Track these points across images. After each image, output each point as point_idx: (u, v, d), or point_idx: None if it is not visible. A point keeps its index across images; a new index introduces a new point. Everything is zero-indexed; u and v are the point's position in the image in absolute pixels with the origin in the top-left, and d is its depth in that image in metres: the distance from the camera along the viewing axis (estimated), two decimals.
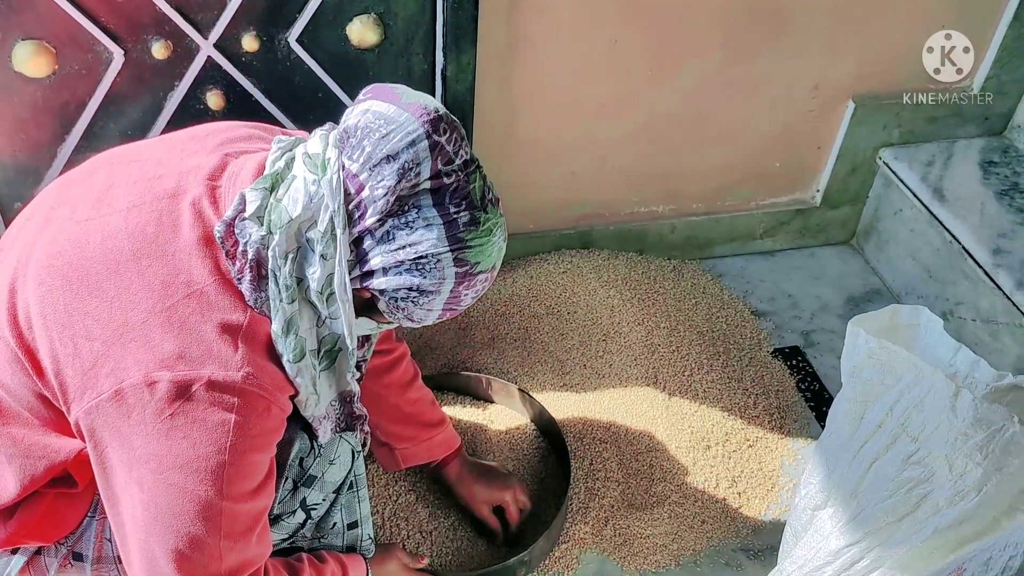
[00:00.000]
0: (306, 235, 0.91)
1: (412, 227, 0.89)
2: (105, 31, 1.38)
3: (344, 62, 1.53)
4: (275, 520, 1.12)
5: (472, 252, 0.91)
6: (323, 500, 1.15)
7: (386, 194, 0.88)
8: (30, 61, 1.36)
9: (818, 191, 2.04)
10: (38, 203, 1.04)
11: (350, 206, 0.90)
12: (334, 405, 1.08)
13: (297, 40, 1.48)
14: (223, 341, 0.90)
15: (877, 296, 2.01)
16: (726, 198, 2.00)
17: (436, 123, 0.89)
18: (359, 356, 1.13)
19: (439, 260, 0.90)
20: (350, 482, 1.17)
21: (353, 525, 1.20)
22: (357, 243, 0.91)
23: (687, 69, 1.75)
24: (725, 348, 1.81)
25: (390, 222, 0.89)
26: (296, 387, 0.97)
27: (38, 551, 1.07)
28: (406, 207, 0.89)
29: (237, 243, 0.92)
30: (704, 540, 1.48)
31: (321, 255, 0.91)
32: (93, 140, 1.48)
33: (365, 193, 0.89)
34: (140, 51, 1.41)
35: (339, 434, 1.13)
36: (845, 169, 1.99)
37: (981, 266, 1.73)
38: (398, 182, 0.87)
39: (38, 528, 1.02)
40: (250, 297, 0.92)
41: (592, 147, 1.82)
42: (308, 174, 0.91)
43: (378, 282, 0.92)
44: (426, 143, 0.88)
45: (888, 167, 1.96)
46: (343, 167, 0.90)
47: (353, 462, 1.16)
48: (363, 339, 1.12)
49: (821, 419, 1.69)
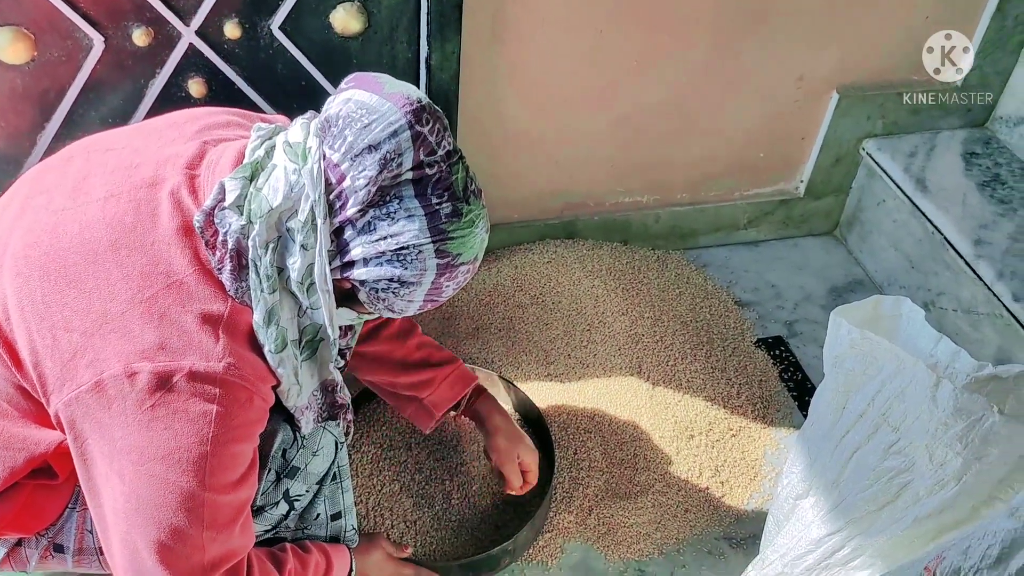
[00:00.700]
0: (286, 224, 0.91)
1: (394, 218, 0.88)
2: (85, 17, 1.36)
3: (327, 50, 1.51)
4: (258, 511, 1.12)
5: (454, 244, 0.91)
6: (306, 491, 1.15)
7: (367, 184, 0.87)
8: (9, 48, 1.35)
9: (802, 182, 2.05)
10: (14, 192, 1.03)
11: (331, 196, 0.89)
12: (316, 395, 1.08)
13: (280, 28, 1.46)
14: (204, 331, 0.90)
15: (860, 286, 2.02)
16: (710, 188, 2.00)
17: (419, 113, 0.88)
18: (343, 344, 1.12)
19: (420, 251, 0.90)
20: (333, 473, 1.17)
21: (337, 516, 1.20)
22: (338, 233, 0.91)
23: (672, 59, 1.75)
24: (709, 338, 1.81)
25: (371, 212, 0.89)
26: (278, 377, 0.97)
27: (18, 543, 1.07)
28: (388, 197, 0.88)
29: (217, 233, 0.91)
30: (687, 529, 1.49)
31: (302, 245, 0.90)
32: (73, 128, 1.46)
33: (346, 183, 0.88)
34: (120, 38, 1.40)
35: (322, 425, 1.12)
36: (829, 160, 2.00)
37: (963, 257, 1.74)
38: (380, 172, 0.87)
39: (18, 520, 1.02)
40: (230, 287, 0.92)
41: (577, 137, 1.82)
42: (289, 163, 0.90)
43: (359, 273, 0.91)
44: (408, 133, 0.87)
45: (871, 158, 1.97)
46: (324, 156, 0.89)
47: (336, 453, 1.16)
48: (347, 327, 1.12)
49: (804, 409, 1.70)
